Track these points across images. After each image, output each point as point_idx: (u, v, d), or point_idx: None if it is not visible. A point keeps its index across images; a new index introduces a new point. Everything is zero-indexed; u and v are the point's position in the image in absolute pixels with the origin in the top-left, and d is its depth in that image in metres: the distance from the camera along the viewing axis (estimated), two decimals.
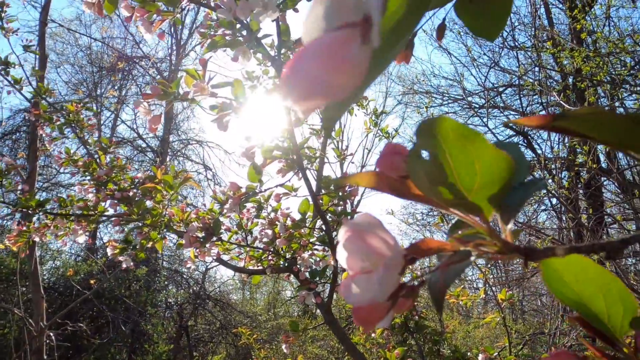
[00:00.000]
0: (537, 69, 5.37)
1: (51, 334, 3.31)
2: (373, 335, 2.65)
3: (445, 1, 0.47)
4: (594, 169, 3.65)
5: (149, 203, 1.69)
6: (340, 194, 1.47)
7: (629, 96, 4.95)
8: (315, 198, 1.47)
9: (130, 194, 1.70)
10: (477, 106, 6.59)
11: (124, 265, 1.67)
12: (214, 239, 1.57)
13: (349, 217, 1.55)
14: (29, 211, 1.77)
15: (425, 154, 0.28)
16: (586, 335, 0.38)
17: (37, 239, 1.85)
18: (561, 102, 4.29)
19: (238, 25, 1.18)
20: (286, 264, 1.61)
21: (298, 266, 1.58)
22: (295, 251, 1.58)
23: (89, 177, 1.86)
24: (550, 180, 4.25)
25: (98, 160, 1.87)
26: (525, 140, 6.59)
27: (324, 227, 1.54)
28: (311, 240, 1.58)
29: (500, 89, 6.90)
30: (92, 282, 4.82)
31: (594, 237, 3.36)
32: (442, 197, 0.29)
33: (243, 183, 1.54)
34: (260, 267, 1.68)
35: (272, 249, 1.62)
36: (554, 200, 4.62)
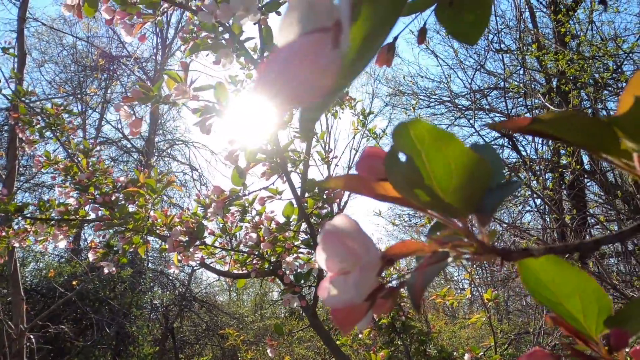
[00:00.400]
0: (522, 71, 5.44)
1: (32, 337, 3.26)
2: (360, 335, 2.65)
3: (426, 6, 0.48)
4: (577, 170, 3.70)
5: (131, 207, 1.67)
6: (324, 196, 1.48)
7: (612, 97, 5.03)
8: (300, 201, 1.47)
9: (113, 198, 1.68)
10: (464, 108, 6.65)
11: (106, 271, 1.65)
12: (198, 243, 1.56)
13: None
14: (8, 215, 1.74)
15: (402, 156, 0.28)
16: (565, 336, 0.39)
17: (16, 245, 1.82)
18: (546, 104, 4.34)
19: (220, 29, 1.18)
20: (271, 268, 1.61)
21: (283, 269, 1.57)
22: (279, 254, 1.57)
23: (70, 181, 1.83)
24: (534, 182, 4.30)
25: (79, 163, 1.84)
26: (511, 142, 6.67)
27: (308, 230, 1.54)
28: (296, 243, 1.58)
29: (486, 91, 6.97)
30: (74, 283, 4.75)
31: (577, 238, 3.41)
32: (420, 199, 0.29)
33: (230, 184, 1.54)
34: (245, 271, 1.68)
35: (256, 253, 1.61)
36: (539, 201, 4.67)
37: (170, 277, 7.81)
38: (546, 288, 0.37)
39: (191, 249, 1.64)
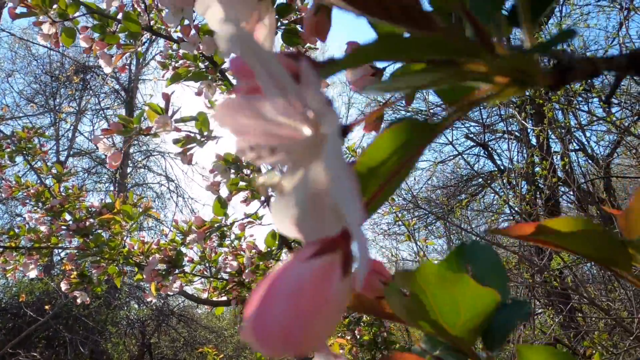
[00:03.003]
0: None
1: None
2: (341, 351, 2.64)
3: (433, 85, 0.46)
4: (554, 183, 3.76)
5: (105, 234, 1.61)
6: None
7: (583, 107, 5.14)
8: None
9: (87, 224, 1.62)
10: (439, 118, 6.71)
11: (79, 301, 1.59)
12: (177, 271, 1.51)
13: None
14: None
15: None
16: None
17: None
18: (519, 117, 4.42)
19: (202, 58, 1.15)
20: None
21: None
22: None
23: (41, 207, 1.75)
24: (511, 192, 4.36)
25: (51, 188, 1.77)
26: (486, 152, 6.75)
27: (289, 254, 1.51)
28: None
29: None
30: (47, 307, 4.59)
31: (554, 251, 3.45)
32: (424, 329, 0.27)
33: (206, 191, 1.50)
34: (225, 298, 1.63)
35: (236, 280, 1.58)
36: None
37: (147, 291, 7.63)
38: None
39: (170, 278, 1.59)
